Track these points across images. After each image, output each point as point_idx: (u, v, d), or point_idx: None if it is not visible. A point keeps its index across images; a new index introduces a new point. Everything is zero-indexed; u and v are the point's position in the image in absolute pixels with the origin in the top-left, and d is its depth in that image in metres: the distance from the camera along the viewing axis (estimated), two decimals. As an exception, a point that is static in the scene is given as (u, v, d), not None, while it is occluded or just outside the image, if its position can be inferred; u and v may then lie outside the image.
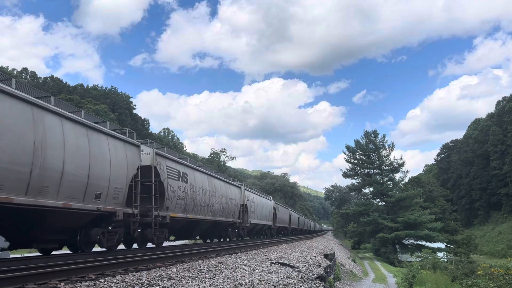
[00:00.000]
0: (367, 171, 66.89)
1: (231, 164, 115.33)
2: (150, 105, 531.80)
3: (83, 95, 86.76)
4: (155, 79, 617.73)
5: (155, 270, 8.43)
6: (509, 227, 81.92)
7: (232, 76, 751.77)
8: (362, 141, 67.38)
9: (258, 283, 7.82)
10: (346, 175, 69.26)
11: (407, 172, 67.53)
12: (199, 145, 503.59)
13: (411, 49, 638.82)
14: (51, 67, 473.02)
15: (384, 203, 64.33)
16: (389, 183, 65.11)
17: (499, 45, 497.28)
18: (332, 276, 18.29)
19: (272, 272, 9.55)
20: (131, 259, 9.70)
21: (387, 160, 65.63)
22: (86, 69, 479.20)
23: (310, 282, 9.69)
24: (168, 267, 8.96)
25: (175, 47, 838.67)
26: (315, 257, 16.18)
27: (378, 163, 65.66)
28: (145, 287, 6.50)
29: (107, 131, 11.73)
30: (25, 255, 12.61)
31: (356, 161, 67.71)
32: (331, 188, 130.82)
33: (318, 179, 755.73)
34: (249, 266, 10.19)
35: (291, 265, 11.43)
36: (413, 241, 59.21)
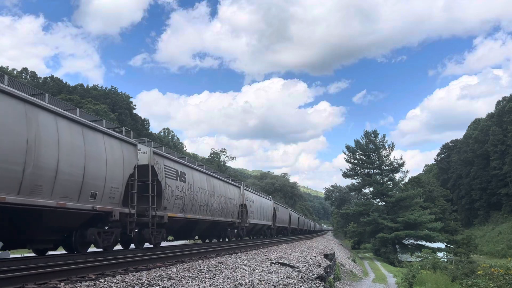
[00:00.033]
0: (367, 171, 66.92)
1: (231, 164, 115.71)
2: (150, 105, 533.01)
3: (83, 95, 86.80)
4: (155, 79, 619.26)
5: (155, 270, 8.41)
6: (509, 227, 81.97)
7: (232, 76, 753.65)
8: (362, 141, 67.47)
9: (258, 283, 7.77)
10: (346, 175, 69.34)
11: (407, 172, 67.72)
12: (199, 145, 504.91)
13: (411, 49, 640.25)
14: (51, 67, 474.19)
15: (384, 203, 64.36)
16: (389, 183, 65.15)
17: (499, 45, 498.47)
18: (332, 276, 18.20)
19: (272, 272, 9.50)
20: (131, 259, 9.71)
21: (387, 160, 65.70)
22: (86, 69, 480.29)
23: (310, 282, 9.62)
24: (168, 267, 8.94)
25: (175, 47, 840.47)
26: (315, 257, 16.09)
27: (378, 163, 65.69)
28: (145, 287, 6.49)
29: (103, 130, 11.56)
30: (25, 255, 12.50)
31: (356, 161, 67.75)
32: (331, 188, 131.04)
33: (318, 179, 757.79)
34: (249, 266, 10.14)
35: (291, 265, 11.34)
36: (413, 241, 59.25)
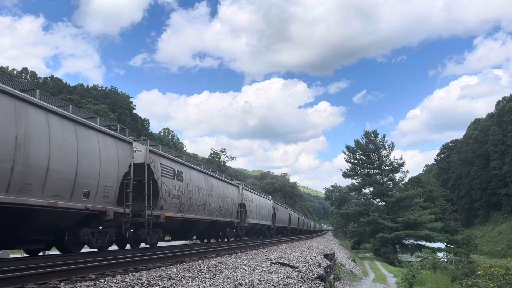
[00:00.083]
0: (367, 171, 66.92)
1: (231, 164, 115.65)
2: (150, 105, 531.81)
3: (83, 95, 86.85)
4: (155, 79, 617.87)
5: (155, 270, 8.43)
6: (509, 227, 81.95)
7: (232, 76, 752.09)
8: (362, 141, 67.47)
9: (258, 283, 7.82)
10: (346, 175, 69.33)
11: (407, 172, 67.71)
12: (199, 145, 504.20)
13: (411, 49, 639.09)
14: (51, 67, 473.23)
15: (384, 203, 64.35)
16: (389, 183, 65.14)
17: (499, 45, 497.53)
18: (332, 276, 18.29)
19: (272, 272, 9.55)
20: (131, 259, 9.70)
21: (387, 160, 65.69)
22: (86, 69, 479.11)
23: (310, 282, 9.69)
24: (168, 267, 8.96)
25: (175, 47, 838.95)
26: (315, 257, 16.17)
27: (378, 163, 65.69)
28: (145, 287, 6.50)
29: (97, 127, 11.26)
30: (25, 255, 12.44)
31: (356, 161, 67.74)
32: (331, 188, 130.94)
33: (318, 179, 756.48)
34: (249, 266, 10.19)
35: (291, 265, 11.42)
36: (413, 241, 59.24)
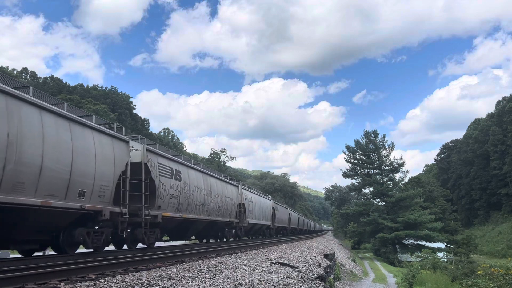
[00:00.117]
0: (367, 171, 66.91)
1: (231, 164, 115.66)
2: (150, 105, 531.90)
3: (83, 95, 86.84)
4: (155, 79, 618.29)
5: (155, 270, 8.44)
6: (509, 227, 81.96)
7: (232, 76, 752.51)
8: (362, 141, 67.47)
9: (258, 283, 7.82)
10: (346, 175, 69.33)
11: (407, 172, 67.69)
12: (199, 145, 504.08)
13: (411, 49, 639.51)
14: (51, 67, 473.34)
15: (384, 203, 64.35)
16: (389, 183, 65.14)
17: (499, 45, 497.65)
18: (332, 276, 18.29)
19: (272, 272, 9.55)
20: (131, 259, 9.71)
21: (387, 160, 65.69)
22: (86, 69, 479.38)
23: (310, 282, 9.69)
24: (168, 267, 8.97)
25: (175, 47, 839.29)
26: (315, 257, 16.17)
27: (378, 163, 65.69)
28: (145, 287, 6.51)
29: (92, 125, 11.05)
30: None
31: (356, 161, 67.74)
32: (331, 188, 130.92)
33: (318, 179, 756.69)
34: (249, 266, 10.19)
35: (291, 265, 11.42)
36: (413, 241, 59.24)
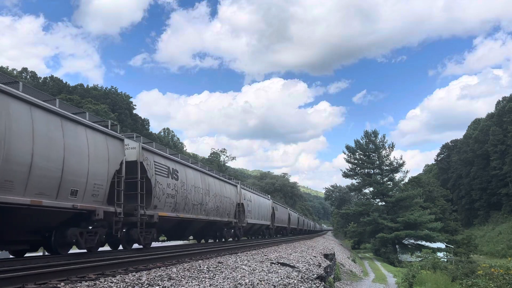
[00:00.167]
0: (367, 171, 66.91)
1: (231, 164, 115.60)
2: (150, 105, 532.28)
3: (83, 95, 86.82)
4: (155, 79, 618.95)
5: (155, 270, 8.43)
6: (509, 227, 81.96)
7: (232, 76, 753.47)
8: (362, 141, 67.47)
9: (258, 283, 7.81)
10: (346, 175, 69.32)
11: (407, 172, 67.70)
12: (199, 145, 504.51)
13: (411, 49, 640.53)
14: (51, 67, 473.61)
15: (384, 203, 64.35)
16: (389, 183, 65.14)
17: (499, 45, 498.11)
18: (332, 276, 18.27)
19: (272, 272, 9.54)
20: (131, 259, 9.71)
21: (387, 160, 65.69)
22: (86, 69, 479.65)
23: (310, 282, 9.68)
24: (168, 267, 8.97)
25: (175, 47, 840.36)
26: (315, 257, 16.16)
27: (378, 163, 65.68)
28: (145, 287, 6.51)
29: (86, 122, 10.75)
30: (25, 255, 12.29)
31: (356, 161, 67.74)
32: (331, 188, 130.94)
33: (318, 179, 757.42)
34: (249, 266, 10.18)
35: (291, 265, 11.41)
36: (413, 241, 59.25)
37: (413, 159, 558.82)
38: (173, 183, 15.10)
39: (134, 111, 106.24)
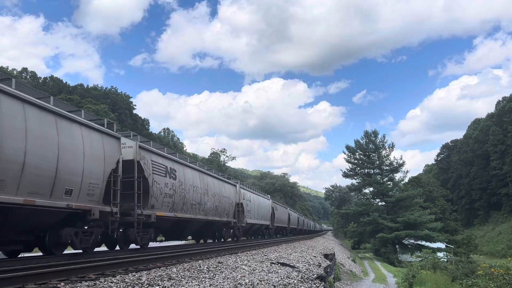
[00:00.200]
0: (367, 171, 66.90)
1: (231, 164, 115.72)
2: (150, 105, 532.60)
3: (83, 95, 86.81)
4: (155, 79, 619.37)
5: (155, 270, 8.44)
6: (509, 227, 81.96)
7: (232, 76, 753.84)
8: (362, 141, 67.45)
9: (258, 283, 7.82)
10: (346, 175, 69.31)
11: (407, 172, 67.68)
12: (199, 145, 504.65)
13: (411, 49, 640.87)
14: (51, 67, 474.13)
15: (384, 203, 64.34)
16: (389, 183, 65.13)
17: (499, 45, 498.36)
18: (332, 276, 18.27)
19: (272, 272, 9.55)
20: (131, 259, 9.71)
21: (387, 160, 65.67)
22: (86, 69, 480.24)
23: (310, 282, 9.69)
24: (168, 267, 8.97)
25: (175, 47, 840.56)
26: (315, 257, 16.17)
27: (378, 163, 65.68)
28: (145, 287, 6.51)
29: (81, 120, 10.55)
30: (25, 255, 12.24)
31: (356, 161, 67.73)
32: (331, 188, 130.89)
33: (318, 179, 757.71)
34: (249, 266, 10.19)
35: (291, 265, 11.42)
36: (413, 241, 59.24)
37: (413, 159, 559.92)
38: (171, 183, 14.94)
39: (134, 111, 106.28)
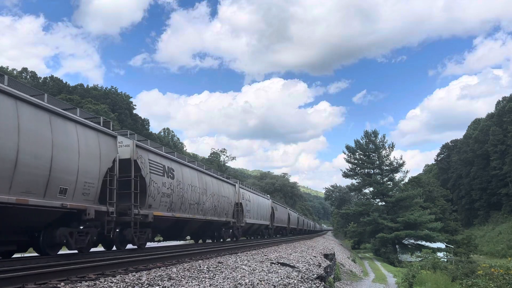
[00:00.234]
0: (367, 171, 66.89)
1: (231, 164, 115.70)
2: (150, 105, 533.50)
3: (83, 95, 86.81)
4: (155, 79, 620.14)
5: (155, 270, 8.43)
6: (509, 227, 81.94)
7: (232, 76, 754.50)
8: (362, 141, 67.45)
9: (258, 283, 7.81)
10: (346, 175, 69.30)
11: (407, 172, 67.65)
12: (199, 145, 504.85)
13: (411, 49, 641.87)
14: (51, 67, 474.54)
15: (384, 203, 64.34)
16: (389, 183, 65.13)
17: (499, 45, 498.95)
18: (332, 276, 18.27)
19: (272, 272, 9.54)
20: (131, 259, 9.71)
21: (387, 160, 65.67)
22: (86, 69, 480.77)
23: (310, 282, 9.68)
24: (168, 267, 8.97)
25: (175, 47, 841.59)
26: (315, 257, 16.16)
27: (378, 163, 65.67)
28: (145, 287, 6.51)
29: (76, 118, 10.34)
30: (25, 255, 12.16)
31: (356, 161, 67.73)
32: (331, 188, 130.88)
33: (318, 179, 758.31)
34: (249, 266, 10.18)
35: (291, 265, 11.41)
36: (413, 241, 59.24)
37: (413, 159, 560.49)
38: (169, 182, 14.77)
39: (134, 111, 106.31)
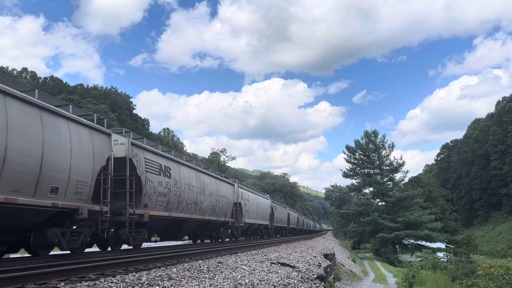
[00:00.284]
0: (367, 171, 66.93)
1: (231, 164, 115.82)
2: (150, 105, 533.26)
3: (83, 95, 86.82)
4: (155, 79, 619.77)
5: (155, 270, 8.44)
6: (509, 227, 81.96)
7: (232, 76, 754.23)
8: (362, 141, 67.50)
9: (258, 283, 7.81)
10: (346, 175, 69.34)
11: (407, 172, 67.73)
12: (199, 145, 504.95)
13: (411, 49, 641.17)
14: (51, 67, 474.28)
15: (384, 203, 64.37)
16: (389, 183, 65.16)
17: (499, 45, 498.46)
18: (332, 276, 18.28)
19: (272, 272, 9.54)
20: (131, 259, 9.71)
21: (387, 160, 65.72)
22: (86, 69, 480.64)
23: (310, 282, 9.69)
24: (168, 267, 8.97)
25: (175, 47, 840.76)
26: (315, 257, 16.16)
27: (378, 163, 65.71)
28: (145, 287, 6.51)
29: (68, 115, 10.01)
30: (25, 255, 12.09)
31: (356, 161, 67.76)
32: (331, 188, 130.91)
33: (318, 179, 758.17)
34: (249, 266, 10.18)
35: (291, 265, 11.41)
36: (413, 241, 59.27)
37: (413, 159, 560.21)
38: (166, 181, 14.53)
39: (134, 111, 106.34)
